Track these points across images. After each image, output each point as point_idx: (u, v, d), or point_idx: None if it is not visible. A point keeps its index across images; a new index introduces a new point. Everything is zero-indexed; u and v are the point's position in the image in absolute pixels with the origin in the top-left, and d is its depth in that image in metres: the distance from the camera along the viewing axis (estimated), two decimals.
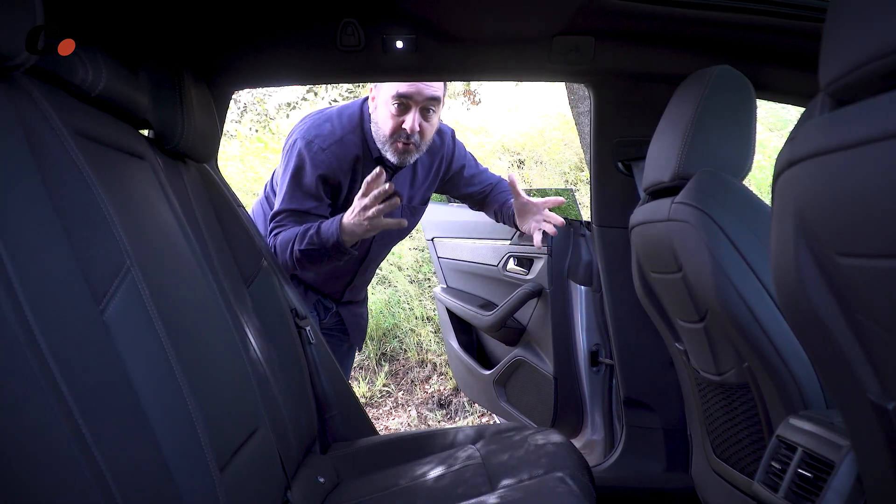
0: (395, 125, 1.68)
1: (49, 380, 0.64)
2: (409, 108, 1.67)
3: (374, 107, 1.72)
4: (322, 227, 1.65)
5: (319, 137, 1.71)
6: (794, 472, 1.00)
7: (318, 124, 1.74)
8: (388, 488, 1.34)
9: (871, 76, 0.54)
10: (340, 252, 1.66)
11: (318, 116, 1.78)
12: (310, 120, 1.78)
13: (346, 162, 1.73)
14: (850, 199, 0.57)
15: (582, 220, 1.98)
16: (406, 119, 1.67)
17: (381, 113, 1.70)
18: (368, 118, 1.75)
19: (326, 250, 1.65)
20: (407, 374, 3.85)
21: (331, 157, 1.71)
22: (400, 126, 1.67)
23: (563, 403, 1.99)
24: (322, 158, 1.70)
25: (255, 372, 1.23)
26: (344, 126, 1.74)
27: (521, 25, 1.48)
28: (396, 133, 1.68)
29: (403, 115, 1.67)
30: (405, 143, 1.69)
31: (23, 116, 0.73)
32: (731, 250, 1.13)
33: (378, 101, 1.71)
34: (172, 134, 1.22)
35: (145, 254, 0.88)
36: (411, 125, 1.67)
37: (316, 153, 1.70)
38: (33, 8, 0.71)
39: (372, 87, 1.75)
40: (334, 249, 1.65)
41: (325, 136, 1.72)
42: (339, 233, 1.61)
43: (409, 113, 1.67)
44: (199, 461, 0.84)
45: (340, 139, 1.73)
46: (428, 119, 1.70)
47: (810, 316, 0.70)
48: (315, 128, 1.74)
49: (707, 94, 1.24)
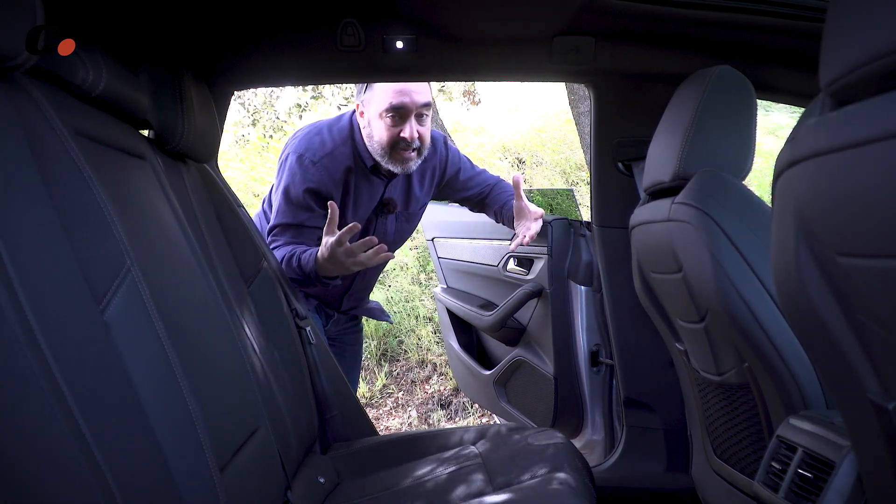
0: (392, 136, 1.68)
1: (49, 380, 0.64)
2: (404, 118, 1.68)
3: (367, 121, 1.72)
4: (302, 261, 1.66)
5: (310, 151, 1.72)
6: (795, 472, 1.00)
7: (309, 138, 1.75)
8: (388, 488, 1.34)
9: (871, 76, 0.54)
10: (325, 283, 1.69)
11: (309, 130, 1.79)
12: (301, 134, 1.79)
13: (337, 174, 1.73)
14: (851, 199, 0.57)
15: (582, 220, 1.98)
16: (404, 128, 1.68)
17: (375, 126, 1.70)
18: (358, 129, 1.75)
19: (310, 279, 1.67)
20: (407, 374, 3.85)
21: (321, 171, 1.71)
22: (398, 136, 1.68)
23: (564, 403, 1.99)
24: (313, 172, 1.71)
25: (256, 372, 1.23)
26: (335, 139, 1.75)
27: (521, 25, 1.48)
28: (395, 143, 1.69)
29: (400, 125, 1.68)
30: (406, 151, 1.70)
31: (23, 116, 0.73)
32: (731, 250, 1.13)
33: (369, 115, 1.71)
34: (172, 134, 1.22)
35: (145, 254, 0.88)
36: (410, 133, 1.68)
37: (307, 167, 1.70)
38: (33, 8, 0.71)
39: (358, 103, 1.74)
40: (317, 280, 1.67)
41: (315, 149, 1.72)
42: (317, 268, 1.63)
43: (406, 122, 1.68)
44: (200, 461, 0.84)
45: (331, 152, 1.73)
46: (423, 124, 1.72)
47: (810, 316, 0.70)
48: (305, 141, 1.74)
49: (707, 94, 1.24)
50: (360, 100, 1.74)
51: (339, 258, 1.56)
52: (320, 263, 1.62)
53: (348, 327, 2.05)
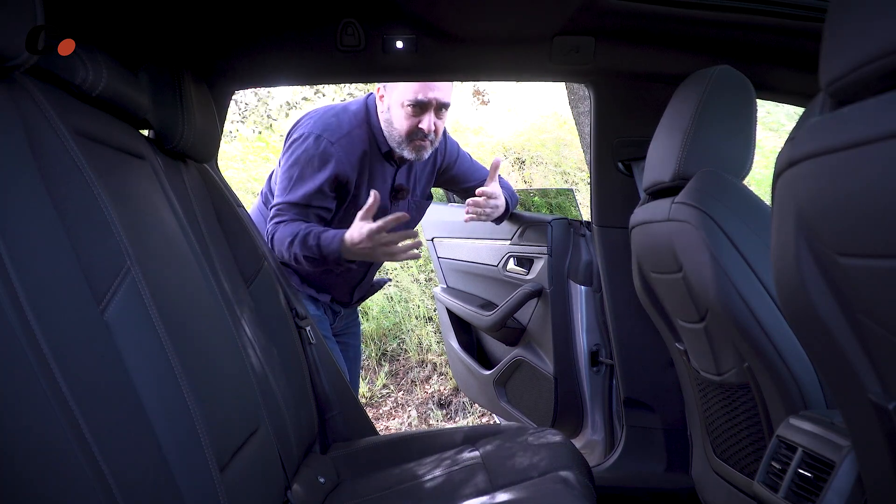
0: (411, 126, 1.72)
1: (49, 380, 0.64)
2: (425, 111, 1.72)
3: (387, 107, 1.75)
4: (322, 240, 1.64)
5: (328, 132, 1.73)
6: (795, 472, 1.00)
7: (326, 119, 1.76)
8: (388, 488, 1.34)
9: (871, 76, 0.54)
10: (340, 265, 1.68)
11: (325, 112, 1.80)
12: (317, 115, 1.79)
13: (354, 156, 1.75)
14: (851, 198, 0.57)
15: (582, 220, 1.98)
16: (423, 120, 1.72)
17: (395, 114, 1.73)
18: (374, 114, 1.78)
19: (326, 260, 1.66)
20: (407, 374, 3.85)
21: (339, 152, 1.72)
22: (416, 126, 1.72)
23: (564, 403, 1.99)
24: (331, 152, 1.71)
25: (256, 372, 1.23)
26: (351, 121, 1.76)
27: (521, 25, 1.48)
28: (413, 133, 1.73)
29: (419, 117, 1.72)
30: (423, 140, 1.75)
31: (23, 116, 0.73)
32: (731, 250, 1.13)
33: (390, 102, 1.74)
34: (172, 134, 1.22)
35: (146, 254, 0.88)
36: (428, 126, 1.73)
37: (325, 148, 1.71)
38: (33, 8, 0.71)
39: (379, 87, 1.77)
40: (334, 262, 1.66)
41: (332, 130, 1.74)
42: (341, 251, 1.63)
43: (426, 115, 1.72)
44: (200, 461, 0.84)
45: (348, 133, 1.75)
46: (441, 118, 1.77)
47: (811, 316, 0.70)
48: (322, 122, 1.75)
49: (707, 94, 1.24)
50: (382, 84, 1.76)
51: (373, 245, 1.58)
52: (346, 247, 1.61)
53: (351, 321, 2.07)
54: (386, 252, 1.61)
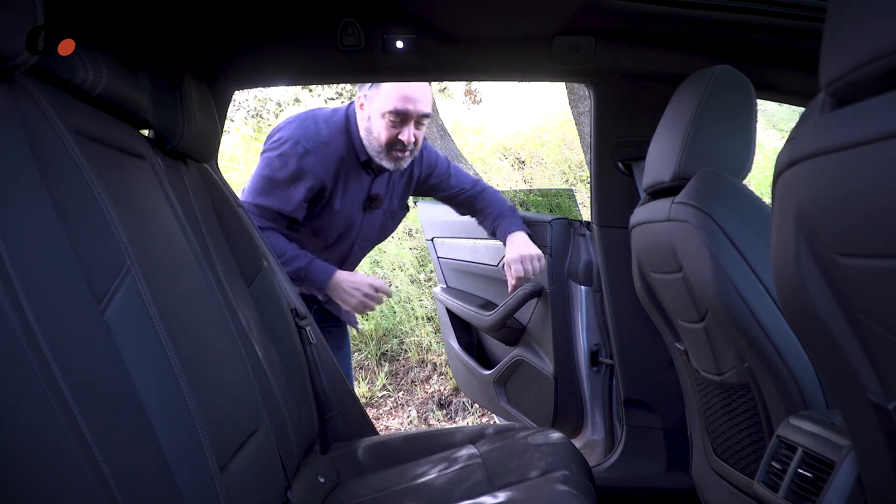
0: (390, 136, 1.74)
1: (49, 380, 0.64)
2: (405, 122, 1.73)
3: (367, 116, 1.76)
4: (312, 271, 1.77)
5: (306, 138, 1.74)
6: (795, 472, 1.00)
7: (305, 126, 1.77)
8: (388, 488, 1.34)
9: (871, 76, 0.54)
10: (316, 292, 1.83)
11: (304, 118, 1.80)
12: (296, 121, 1.80)
13: (330, 163, 1.76)
14: (851, 198, 0.57)
15: (582, 220, 1.98)
16: (403, 132, 1.74)
17: (375, 124, 1.74)
18: (354, 122, 1.78)
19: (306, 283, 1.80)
20: (407, 374, 3.85)
21: (315, 160, 1.73)
22: (396, 137, 1.74)
23: (564, 403, 1.99)
24: (308, 160, 1.73)
25: (256, 372, 1.23)
26: (331, 129, 1.77)
27: (521, 25, 1.48)
28: (392, 143, 1.74)
29: (400, 128, 1.73)
30: (401, 151, 1.76)
31: (23, 116, 0.73)
32: (731, 250, 1.13)
33: (370, 112, 1.75)
34: (172, 134, 1.22)
35: (146, 254, 0.88)
36: (408, 137, 1.74)
37: (302, 154, 1.73)
38: (33, 8, 0.71)
39: (360, 96, 1.77)
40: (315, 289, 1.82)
41: (311, 136, 1.75)
42: (327, 287, 1.79)
43: (406, 126, 1.74)
44: (200, 461, 0.84)
45: (326, 142, 1.76)
46: (420, 129, 1.78)
47: (811, 316, 0.70)
48: (301, 128, 1.76)
49: (707, 94, 1.24)
50: (363, 93, 1.76)
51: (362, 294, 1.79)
52: (334, 284, 1.78)
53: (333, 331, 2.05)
54: (365, 305, 1.81)
